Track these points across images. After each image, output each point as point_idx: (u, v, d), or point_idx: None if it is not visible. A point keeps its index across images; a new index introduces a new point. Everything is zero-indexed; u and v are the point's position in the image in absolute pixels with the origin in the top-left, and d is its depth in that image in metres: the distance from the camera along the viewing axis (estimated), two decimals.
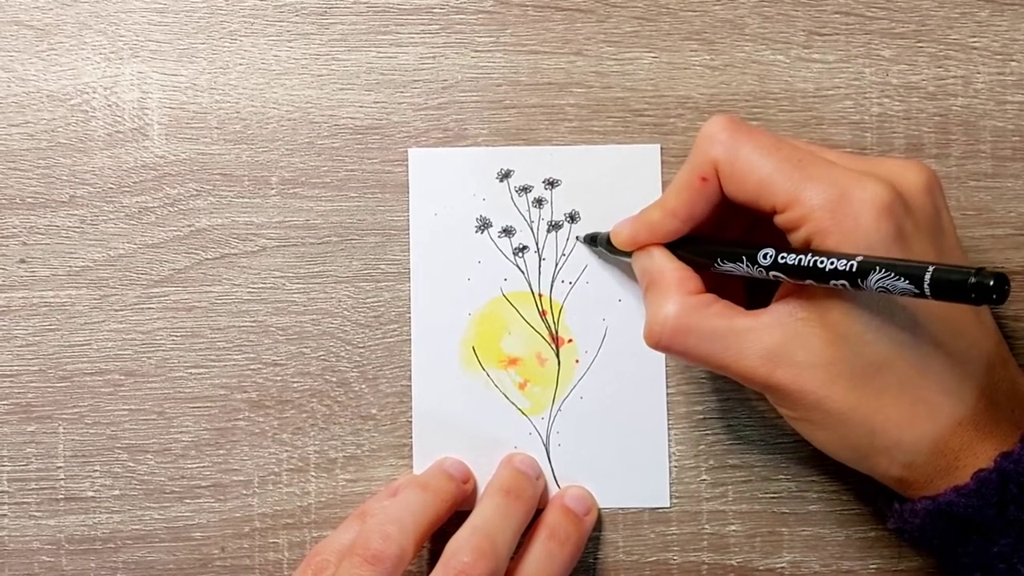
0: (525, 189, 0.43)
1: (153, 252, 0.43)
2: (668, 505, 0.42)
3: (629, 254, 0.40)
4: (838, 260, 0.32)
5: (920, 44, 0.43)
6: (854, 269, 0.32)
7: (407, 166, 0.43)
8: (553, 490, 0.42)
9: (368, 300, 0.43)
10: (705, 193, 0.37)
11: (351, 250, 0.43)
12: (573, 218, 0.43)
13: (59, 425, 0.42)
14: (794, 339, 0.34)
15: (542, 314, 0.43)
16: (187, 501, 0.42)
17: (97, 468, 0.42)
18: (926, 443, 0.35)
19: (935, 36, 0.43)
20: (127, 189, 0.43)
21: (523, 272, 0.43)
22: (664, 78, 0.43)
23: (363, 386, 0.42)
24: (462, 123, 0.43)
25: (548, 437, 0.42)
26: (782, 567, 0.42)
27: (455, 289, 0.43)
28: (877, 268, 0.31)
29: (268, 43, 0.43)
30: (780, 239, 0.36)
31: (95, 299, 0.43)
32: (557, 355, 0.43)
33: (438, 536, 0.39)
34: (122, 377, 0.42)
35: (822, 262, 0.32)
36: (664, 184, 0.42)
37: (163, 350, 0.42)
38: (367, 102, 0.43)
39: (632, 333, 0.42)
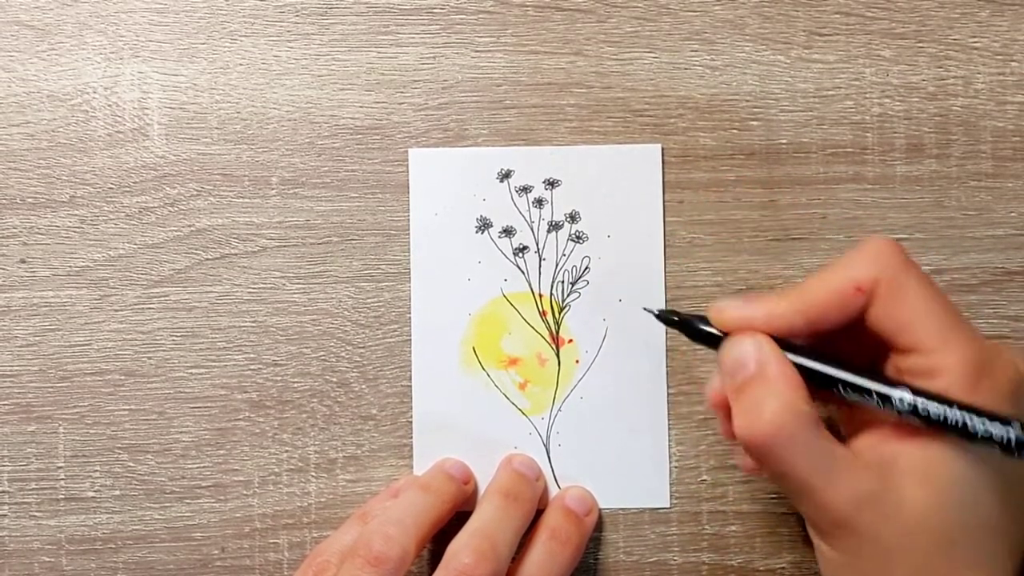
0: (525, 189, 0.43)
1: (153, 252, 0.43)
2: (668, 505, 0.42)
3: (714, 341, 0.35)
4: (991, 423, 0.30)
5: (920, 44, 0.43)
6: (1011, 443, 0.30)
7: (407, 166, 0.43)
8: (553, 490, 0.42)
9: (368, 300, 0.43)
10: (849, 305, 0.34)
11: (351, 250, 0.43)
12: (573, 218, 0.43)
13: (59, 425, 0.42)
14: (891, 491, 0.33)
15: (542, 314, 0.43)
16: (187, 501, 0.42)
17: (97, 468, 0.42)
18: None
19: (935, 36, 0.43)
20: (127, 189, 0.43)
21: (523, 272, 0.43)
22: (664, 78, 0.43)
23: (363, 386, 0.42)
24: (462, 123, 0.43)
25: (548, 437, 0.42)
26: (782, 567, 0.42)
27: (455, 289, 0.42)
28: None
29: (268, 43, 0.43)
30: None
31: (95, 299, 0.42)
32: (557, 355, 0.43)
33: (438, 537, 0.39)
34: (122, 377, 0.42)
35: (972, 420, 0.30)
36: (664, 184, 0.42)
37: (163, 350, 0.42)
38: (367, 102, 0.43)
39: (632, 333, 0.42)
